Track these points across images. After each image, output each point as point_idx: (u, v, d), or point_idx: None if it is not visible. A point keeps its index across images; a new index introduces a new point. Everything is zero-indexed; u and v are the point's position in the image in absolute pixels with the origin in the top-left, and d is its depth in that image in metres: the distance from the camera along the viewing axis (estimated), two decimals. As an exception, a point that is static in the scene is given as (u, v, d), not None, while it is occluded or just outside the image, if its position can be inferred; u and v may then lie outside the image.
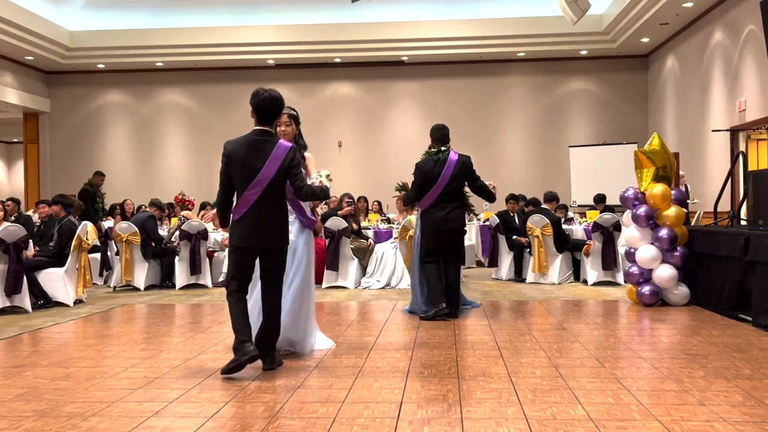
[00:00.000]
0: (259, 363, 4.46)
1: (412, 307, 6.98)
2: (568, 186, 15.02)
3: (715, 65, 12.09)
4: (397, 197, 10.39)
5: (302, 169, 4.73)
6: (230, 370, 4.28)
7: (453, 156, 6.67)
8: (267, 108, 4.54)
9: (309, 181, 4.76)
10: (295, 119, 5.17)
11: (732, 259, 6.57)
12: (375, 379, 4.25)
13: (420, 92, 16.36)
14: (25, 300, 7.39)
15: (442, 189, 6.59)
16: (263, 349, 4.48)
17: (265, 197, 4.42)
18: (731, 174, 8.73)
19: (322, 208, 11.38)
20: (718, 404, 3.62)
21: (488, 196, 6.97)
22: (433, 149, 6.78)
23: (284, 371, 4.48)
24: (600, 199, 11.49)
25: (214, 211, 9.57)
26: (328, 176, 4.81)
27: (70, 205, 8.62)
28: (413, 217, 8.77)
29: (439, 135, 6.79)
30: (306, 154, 5.10)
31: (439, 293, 6.52)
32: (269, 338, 4.55)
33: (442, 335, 5.72)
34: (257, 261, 4.57)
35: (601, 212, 10.36)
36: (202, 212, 11.69)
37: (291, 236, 4.94)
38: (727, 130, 11.37)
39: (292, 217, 4.99)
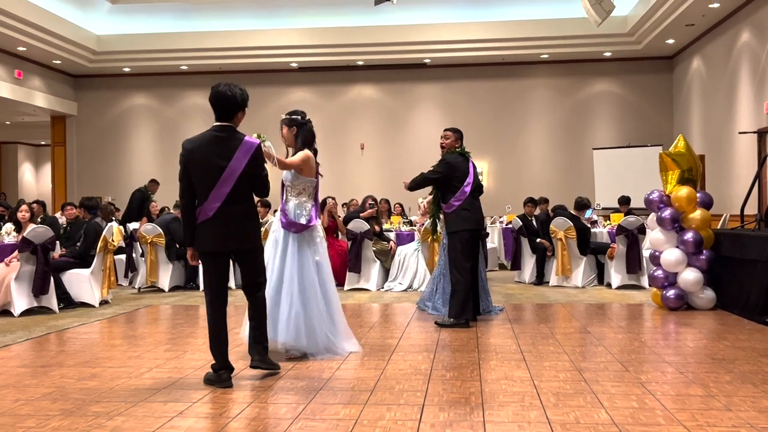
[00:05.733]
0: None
1: (422, 304, 7.19)
2: (592, 188, 14.91)
3: (742, 66, 11.94)
4: (426, 204, 10.43)
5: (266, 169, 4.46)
6: (207, 383, 4.25)
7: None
8: (218, 104, 4.24)
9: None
10: (287, 123, 5.10)
11: (759, 263, 6.48)
12: (397, 381, 4.25)
13: (442, 95, 16.34)
14: (52, 300, 7.50)
15: (471, 187, 6.44)
16: (252, 347, 4.47)
17: (233, 197, 4.16)
18: (759, 177, 8.61)
19: (344, 211, 11.43)
20: (745, 410, 3.57)
21: None
22: (457, 148, 6.62)
23: (306, 373, 4.50)
24: (624, 200, 11.38)
25: None
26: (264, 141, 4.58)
27: (95, 207, 8.74)
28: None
29: (461, 135, 6.71)
30: (301, 153, 5.03)
31: (471, 307, 6.37)
32: (258, 339, 4.46)
33: (464, 338, 5.70)
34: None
35: (625, 214, 10.27)
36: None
37: (272, 238, 4.98)
38: (754, 132, 11.21)
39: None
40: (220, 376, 4.20)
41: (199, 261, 4.35)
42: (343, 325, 5.21)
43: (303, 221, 4.98)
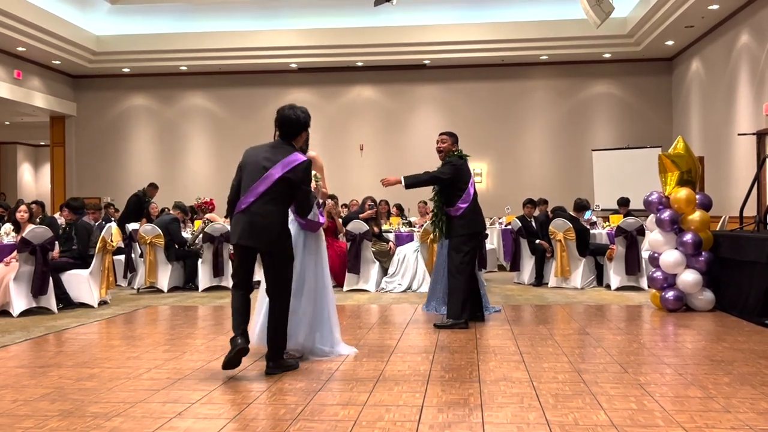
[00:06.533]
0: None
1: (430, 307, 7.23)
2: (592, 190, 14.91)
3: (741, 68, 11.94)
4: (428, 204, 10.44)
5: (310, 187, 4.68)
6: (225, 365, 4.36)
7: None
8: (283, 126, 4.62)
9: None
10: None
11: (758, 265, 6.48)
12: (396, 382, 4.25)
13: (442, 96, 16.34)
14: (51, 301, 7.49)
15: (474, 188, 6.48)
16: (268, 352, 4.55)
17: (267, 198, 4.39)
18: (758, 178, 8.62)
19: (343, 211, 11.42)
20: (743, 411, 3.58)
21: None
22: (455, 151, 6.60)
23: (305, 374, 4.50)
24: (623, 202, 11.39)
25: None
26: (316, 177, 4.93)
27: (81, 208, 8.69)
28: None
29: (456, 139, 6.69)
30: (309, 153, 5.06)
31: (470, 308, 6.38)
32: (269, 342, 4.53)
33: (463, 339, 5.70)
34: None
35: (624, 215, 10.27)
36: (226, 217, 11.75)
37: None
38: (753, 134, 11.22)
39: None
40: (235, 340, 4.32)
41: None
42: (339, 327, 5.25)
43: (318, 219, 5.11)
